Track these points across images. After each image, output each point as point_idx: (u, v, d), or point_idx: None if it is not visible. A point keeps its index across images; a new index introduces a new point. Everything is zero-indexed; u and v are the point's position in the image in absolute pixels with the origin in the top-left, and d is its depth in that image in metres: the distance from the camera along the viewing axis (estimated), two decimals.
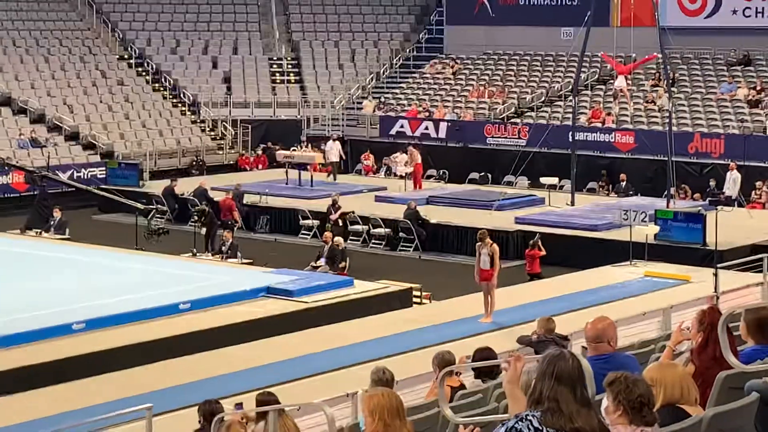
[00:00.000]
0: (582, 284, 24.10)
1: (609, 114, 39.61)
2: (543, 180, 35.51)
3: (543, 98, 43.33)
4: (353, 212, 31.70)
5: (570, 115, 37.60)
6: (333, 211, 31.25)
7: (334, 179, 38.62)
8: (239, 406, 12.11)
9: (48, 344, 18.78)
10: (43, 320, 19.72)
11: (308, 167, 37.63)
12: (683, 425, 5.70)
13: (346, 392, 12.97)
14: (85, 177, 38.78)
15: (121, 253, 27.28)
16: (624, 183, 36.55)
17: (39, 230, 30.79)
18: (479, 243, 20.96)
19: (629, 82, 39.90)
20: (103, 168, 39.86)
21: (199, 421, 11.15)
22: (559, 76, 44.30)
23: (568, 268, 26.79)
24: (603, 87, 42.72)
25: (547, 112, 42.07)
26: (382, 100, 46.03)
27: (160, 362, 18.03)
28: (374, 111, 44.76)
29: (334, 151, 39.52)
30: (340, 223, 30.99)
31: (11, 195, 37.40)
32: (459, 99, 44.66)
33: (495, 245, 21.00)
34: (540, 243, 27.21)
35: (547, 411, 4.92)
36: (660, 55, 35.42)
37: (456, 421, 7.58)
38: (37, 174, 33.86)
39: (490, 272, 20.54)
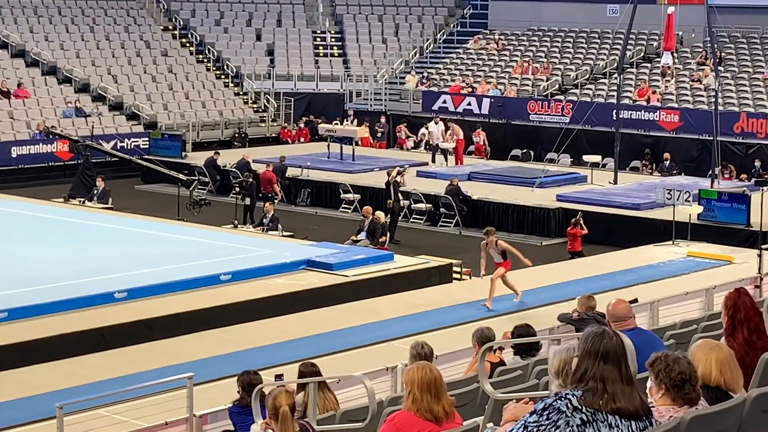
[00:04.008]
0: (623, 263, 23.99)
1: (654, 92, 39.28)
2: (586, 158, 35.31)
3: (587, 75, 43.03)
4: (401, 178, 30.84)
5: (614, 93, 37.33)
6: (399, 182, 30.24)
7: (445, 162, 36.87)
8: (279, 377, 12.17)
9: (90, 312, 18.93)
10: (85, 288, 19.88)
11: (353, 141, 37.57)
12: (724, 406, 5.63)
13: (386, 366, 12.97)
14: (129, 147, 38.98)
15: (163, 224, 27.40)
16: (668, 162, 36.27)
17: (82, 199, 30.99)
18: (484, 240, 20.35)
19: (675, 60, 39.55)
20: (147, 138, 40.06)
21: (238, 392, 11.20)
22: (604, 54, 43.99)
23: (609, 246, 26.68)
24: (648, 65, 42.36)
25: (591, 89, 41.79)
26: (425, 75, 45.90)
27: (200, 332, 18.12)
28: (417, 86, 44.65)
29: (436, 133, 38.01)
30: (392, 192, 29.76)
31: (55, 163, 37.64)
32: (502, 75, 44.45)
33: (501, 242, 20.29)
34: (582, 221, 27.08)
35: (590, 390, 4.87)
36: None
37: (496, 396, 7.55)
38: (81, 143, 34.05)
39: (505, 263, 20.05)
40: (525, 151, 39.54)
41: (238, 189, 30.65)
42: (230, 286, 20.98)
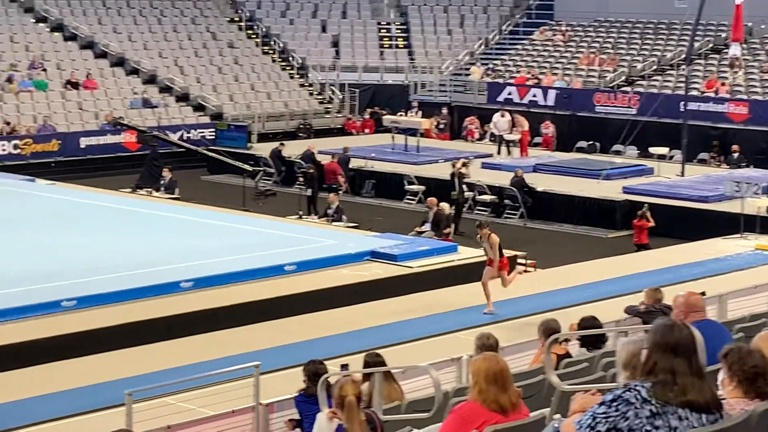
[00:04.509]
0: (690, 256, 23.75)
1: (723, 84, 38.83)
2: (652, 150, 35.00)
3: (654, 67, 42.63)
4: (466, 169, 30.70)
5: (682, 85, 36.94)
6: (464, 173, 30.07)
7: (509, 154, 36.84)
8: (345, 367, 12.19)
9: (157, 301, 19.10)
10: (152, 278, 20.05)
11: (417, 132, 37.56)
12: None
13: (451, 357, 12.96)
14: (195, 138, 39.29)
15: (228, 214, 27.57)
16: (736, 154, 35.86)
17: (149, 189, 31.29)
18: (479, 234, 18.99)
19: (744, 51, 39.05)
20: (213, 129, 40.35)
21: (304, 381, 11.24)
22: (672, 45, 43.55)
23: (676, 239, 26.44)
24: (717, 56, 41.87)
25: (658, 80, 41.39)
26: (491, 66, 45.74)
27: (265, 322, 18.21)
28: (482, 77, 44.51)
29: (501, 124, 37.94)
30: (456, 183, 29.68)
31: (123, 154, 38.01)
32: (568, 66, 44.17)
33: (494, 236, 18.77)
34: (648, 213, 26.86)
35: (659, 383, 4.83)
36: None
37: (562, 388, 7.52)
38: (149, 134, 34.36)
39: (500, 261, 18.74)
40: (591, 143, 39.29)
41: (301, 180, 30.79)
42: (295, 276, 21.07)
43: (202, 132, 40.15)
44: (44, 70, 41.29)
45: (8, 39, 42.82)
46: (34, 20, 44.93)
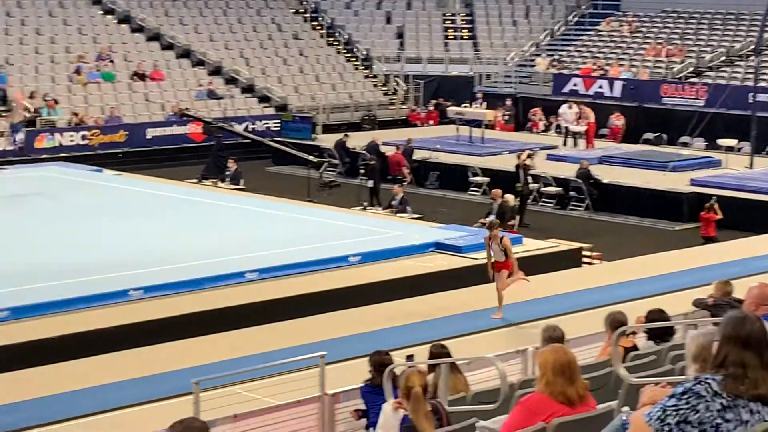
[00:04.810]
0: (758, 249, 23.45)
1: None
2: (720, 142, 34.62)
3: (723, 58, 42.13)
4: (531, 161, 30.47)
5: (751, 76, 36.47)
6: (529, 165, 29.72)
7: (575, 145, 36.64)
8: (410, 358, 12.20)
9: (221, 292, 19.23)
10: (216, 268, 20.19)
11: (482, 124, 37.43)
12: None
13: (516, 348, 12.91)
14: (260, 129, 39.48)
15: (293, 205, 27.67)
16: None
17: (215, 180, 31.49)
18: (487, 235, 18.26)
19: None
20: (278, 120, 40.53)
21: (370, 371, 11.26)
22: (741, 35, 43.00)
23: (744, 232, 26.11)
24: None
25: (726, 72, 40.91)
26: (556, 57, 45.47)
27: (330, 313, 18.25)
28: (547, 68, 44.27)
29: (568, 115, 37.57)
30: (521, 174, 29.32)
31: (189, 145, 38.30)
32: (635, 57, 43.79)
33: (506, 239, 18.17)
34: (716, 206, 26.57)
35: (730, 376, 4.77)
36: None
37: (630, 380, 7.47)
38: (214, 125, 34.58)
39: (506, 263, 18.07)
40: (657, 134, 38.92)
41: (362, 171, 30.81)
42: (359, 267, 21.10)
43: (267, 123, 40.34)
44: (111, 61, 41.71)
45: (76, 31, 43.32)
46: (101, 12, 45.41)
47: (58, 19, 43.72)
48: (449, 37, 49.43)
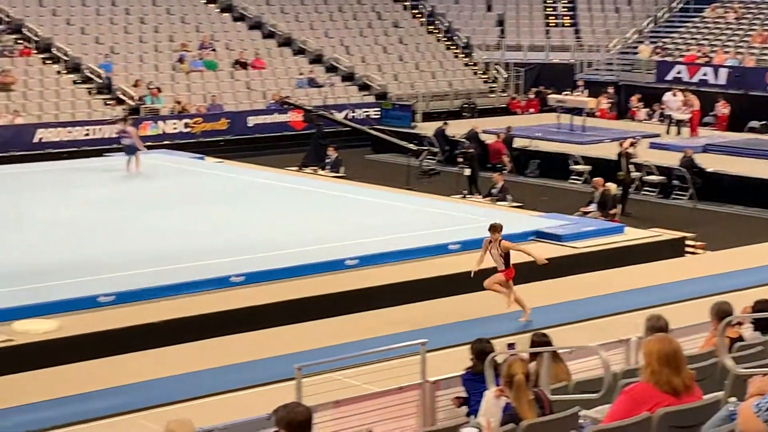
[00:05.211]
0: None
1: None
2: None
3: None
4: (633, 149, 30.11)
5: None
6: (631, 153, 29.48)
7: (678, 133, 36.24)
8: (512, 346, 12.15)
9: (319, 279, 19.32)
10: (317, 255, 20.30)
11: (583, 112, 37.09)
12: None
13: (619, 338, 12.77)
14: (360, 117, 39.60)
15: (393, 193, 27.71)
16: None
17: (315, 168, 31.67)
18: (488, 237, 17.04)
19: None
20: (377, 108, 40.62)
21: (471, 359, 11.24)
22: None
23: None
24: None
25: None
26: (659, 44, 44.85)
27: (431, 300, 18.24)
28: (651, 56, 43.70)
29: (672, 103, 37.18)
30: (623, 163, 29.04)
31: (289, 133, 38.58)
32: (741, 44, 43.01)
33: (506, 243, 16.92)
34: None
35: None
36: None
37: (737, 371, 7.35)
38: (315, 113, 34.76)
39: (507, 272, 16.95)
40: (763, 122, 38.21)
41: (460, 159, 30.73)
42: (459, 255, 21.04)
43: (367, 111, 40.45)
44: (214, 50, 42.17)
45: (179, 20, 43.87)
46: (204, 1, 45.93)
47: (161, 8, 44.32)
48: (550, 24, 49.06)
